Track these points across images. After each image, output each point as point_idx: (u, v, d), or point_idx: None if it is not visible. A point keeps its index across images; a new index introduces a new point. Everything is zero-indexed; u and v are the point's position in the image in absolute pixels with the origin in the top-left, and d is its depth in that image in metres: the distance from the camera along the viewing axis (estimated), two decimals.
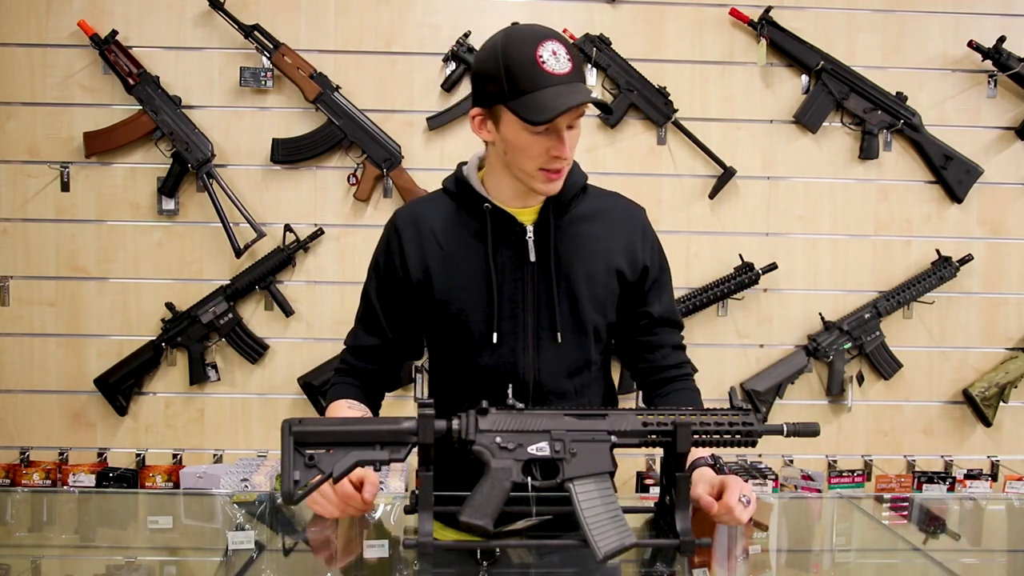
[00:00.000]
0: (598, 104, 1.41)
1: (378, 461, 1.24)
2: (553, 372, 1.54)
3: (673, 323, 1.63)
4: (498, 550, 1.31)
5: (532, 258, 1.52)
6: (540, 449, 1.25)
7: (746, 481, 2.71)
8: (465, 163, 1.60)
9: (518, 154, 1.45)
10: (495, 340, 1.51)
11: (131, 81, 2.75)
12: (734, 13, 2.86)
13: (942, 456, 3.03)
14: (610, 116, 2.84)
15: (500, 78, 1.41)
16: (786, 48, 2.87)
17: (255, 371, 2.90)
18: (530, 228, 1.53)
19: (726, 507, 1.35)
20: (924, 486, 2.87)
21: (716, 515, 1.37)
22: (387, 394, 1.71)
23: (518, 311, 1.52)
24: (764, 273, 2.88)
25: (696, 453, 1.46)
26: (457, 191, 1.57)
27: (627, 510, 1.30)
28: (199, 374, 2.86)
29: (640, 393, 1.72)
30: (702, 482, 1.41)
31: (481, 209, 1.52)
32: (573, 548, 1.27)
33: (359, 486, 1.38)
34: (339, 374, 1.64)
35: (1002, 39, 2.86)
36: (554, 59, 1.39)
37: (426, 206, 1.60)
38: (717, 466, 1.45)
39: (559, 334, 1.52)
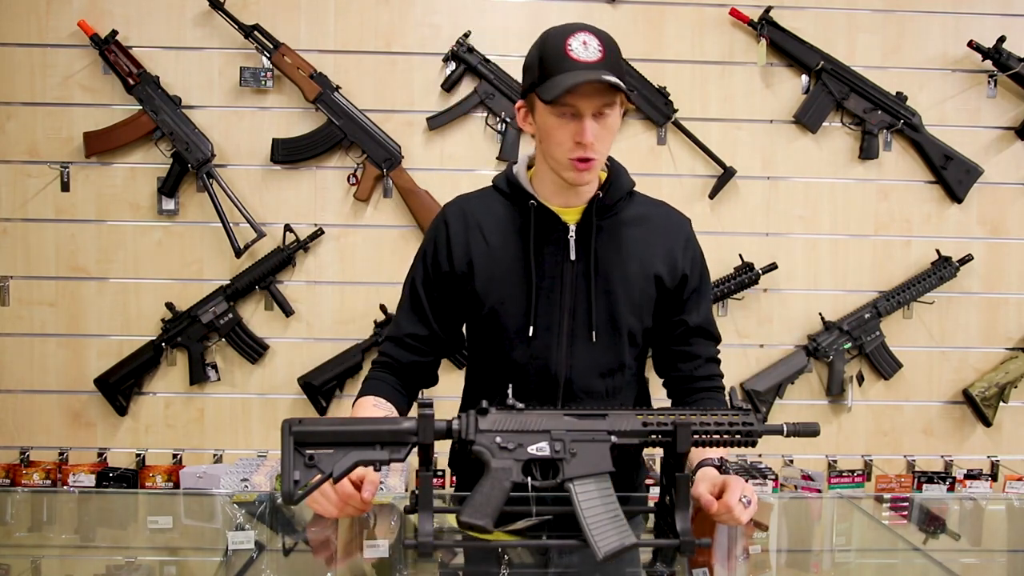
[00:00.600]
0: (618, 88, 1.43)
1: (378, 461, 1.24)
2: (585, 371, 1.55)
3: (709, 334, 1.64)
4: (505, 550, 1.31)
5: (572, 257, 1.54)
6: (540, 449, 1.25)
7: (746, 481, 2.73)
8: (515, 162, 1.63)
9: (548, 142, 1.49)
10: (531, 334, 1.53)
11: (131, 81, 2.75)
12: (734, 13, 2.86)
13: (942, 456, 3.03)
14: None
15: (534, 67, 1.47)
16: (786, 48, 2.87)
17: (255, 371, 2.90)
18: (573, 227, 1.55)
19: (726, 506, 1.35)
20: (924, 486, 2.87)
21: (716, 515, 1.37)
22: None
23: (554, 308, 1.54)
24: (764, 273, 2.88)
25: (704, 454, 1.47)
26: (506, 188, 1.60)
27: (627, 510, 1.30)
28: (199, 374, 2.86)
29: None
30: (704, 481, 1.41)
31: (527, 206, 1.55)
32: (578, 548, 1.26)
33: (359, 485, 1.38)
34: (375, 368, 1.65)
35: (1002, 39, 2.86)
36: (583, 48, 1.44)
37: (475, 201, 1.63)
38: (723, 468, 1.45)
39: (594, 333, 1.53)
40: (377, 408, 1.56)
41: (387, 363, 1.64)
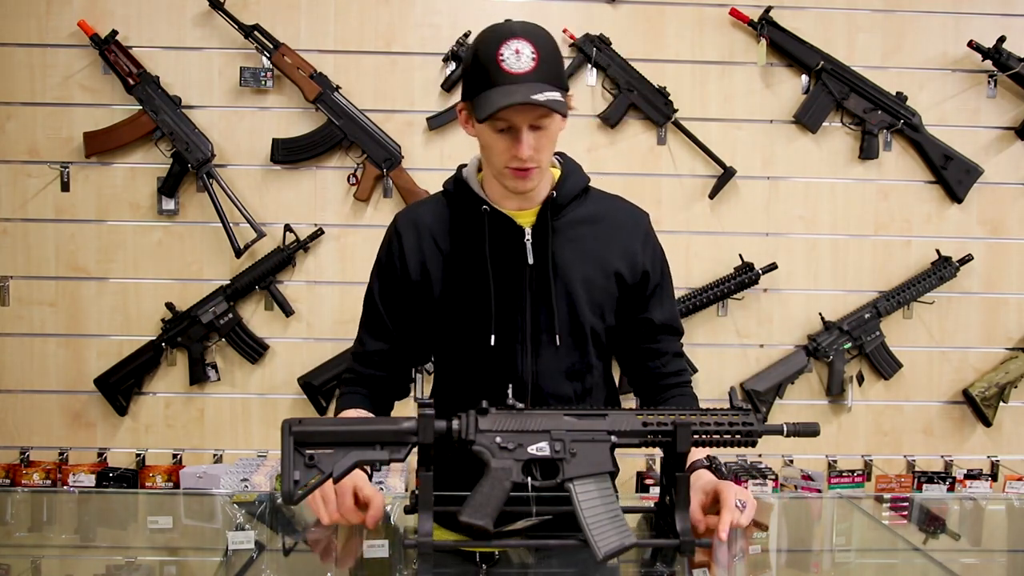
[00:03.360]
0: (550, 108, 1.38)
1: (378, 461, 1.24)
2: (551, 375, 1.53)
3: (674, 330, 1.63)
4: (498, 551, 1.31)
5: (530, 261, 1.51)
6: (540, 449, 1.25)
7: (746, 482, 2.73)
8: (465, 165, 1.60)
9: (487, 151, 1.48)
10: (492, 343, 1.50)
11: (131, 81, 2.75)
12: (734, 13, 2.86)
13: (942, 456, 3.03)
14: (609, 116, 2.84)
15: (468, 74, 1.45)
16: (786, 48, 2.87)
17: (255, 371, 2.90)
18: (528, 230, 1.52)
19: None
20: (924, 486, 2.87)
21: (713, 526, 1.37)
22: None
23: (515, 313, 1.51)
24: (764, 273, 2.88)
25: (693, 455, 1.46)
26: (456, 193, 1.57)
27: (627, 510, 1.30)
28: (199, 374, 2.86)
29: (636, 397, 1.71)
30: (695, 493, 1.39)
31: (480, 212, 1.52)
32: (573, 548, 1.27)
33: (364, 505, 1.37)
34: (346, 384, 1.63)
35: (1002, 39, 2.86)
36: (515, 57, 1.38)
37: (426, 208, 1.60)
38: (714, 467, 1.44)
39: (557, 336, 1.51)
40: None
41: (355, 379, 1.61)
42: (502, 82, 1.37)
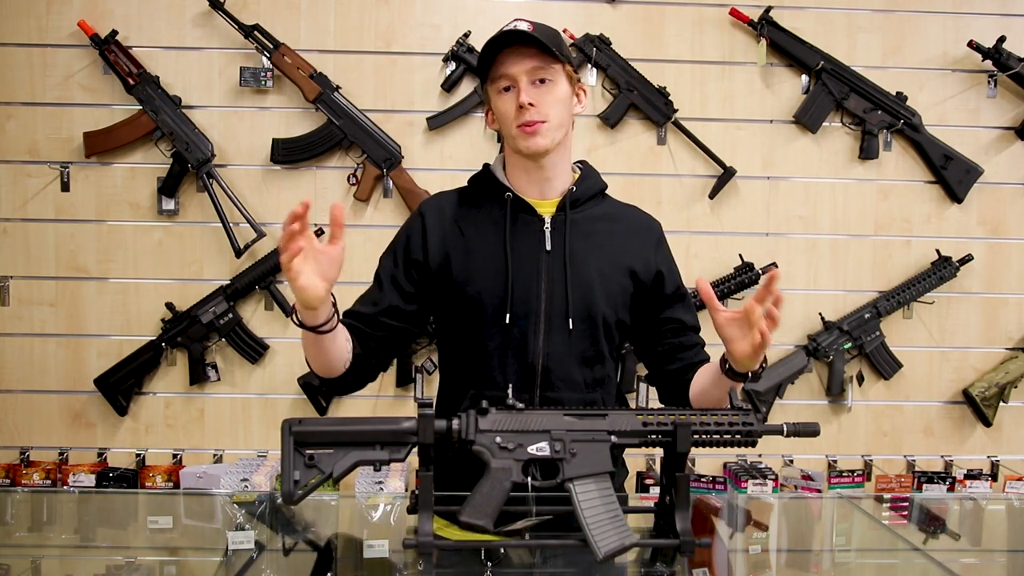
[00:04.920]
0: (538, 43, 1.48)
1: (378, 461, 1.24)
2: (563, 359, 1.55)
3: (698, 332, 1.70)
4: (503, 550, 1.31)
5: (548, 247, 1.56)
6: (540, 449, 1.26)
7: (746, 482, 2.73)
8: (490, 163, 1.65)
9: (502, 122, 1.55)
10: (507, 321, 1.53)
11: (131, 81, 2.75)
12: (734, 13, 2.86)
13: (942, 456, 3.02)
14: (609, 116, 2.85)
15: (479, 69, 1.56)
16: (786, 48, 2.87)
17: (255, 371, 2.90)
18: (547, 219, 1.58)
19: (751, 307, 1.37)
20: (924, 486, 2.87)
21: (752, 312, 1.38)
22: (388, 394, 1.70)
23: (531, 296, 1.55)
24: (764, 273, 2.88)
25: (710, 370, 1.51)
26: (481, 182, 1.63)
27: (627, 510, 1.30)
28: (199, 374, 2.86)
29: (646, 390, 1.73)
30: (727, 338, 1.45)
31: (502, 199, 1.58)
32: (574, 548, 1.27)
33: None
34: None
35: (1002, 39, 2.86)
36: (514, 26, 1.50)
37: (452, 196, 1.66)
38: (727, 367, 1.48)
39: (570, 321, 1.54)
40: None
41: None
42: (497, 37, 1.50)
